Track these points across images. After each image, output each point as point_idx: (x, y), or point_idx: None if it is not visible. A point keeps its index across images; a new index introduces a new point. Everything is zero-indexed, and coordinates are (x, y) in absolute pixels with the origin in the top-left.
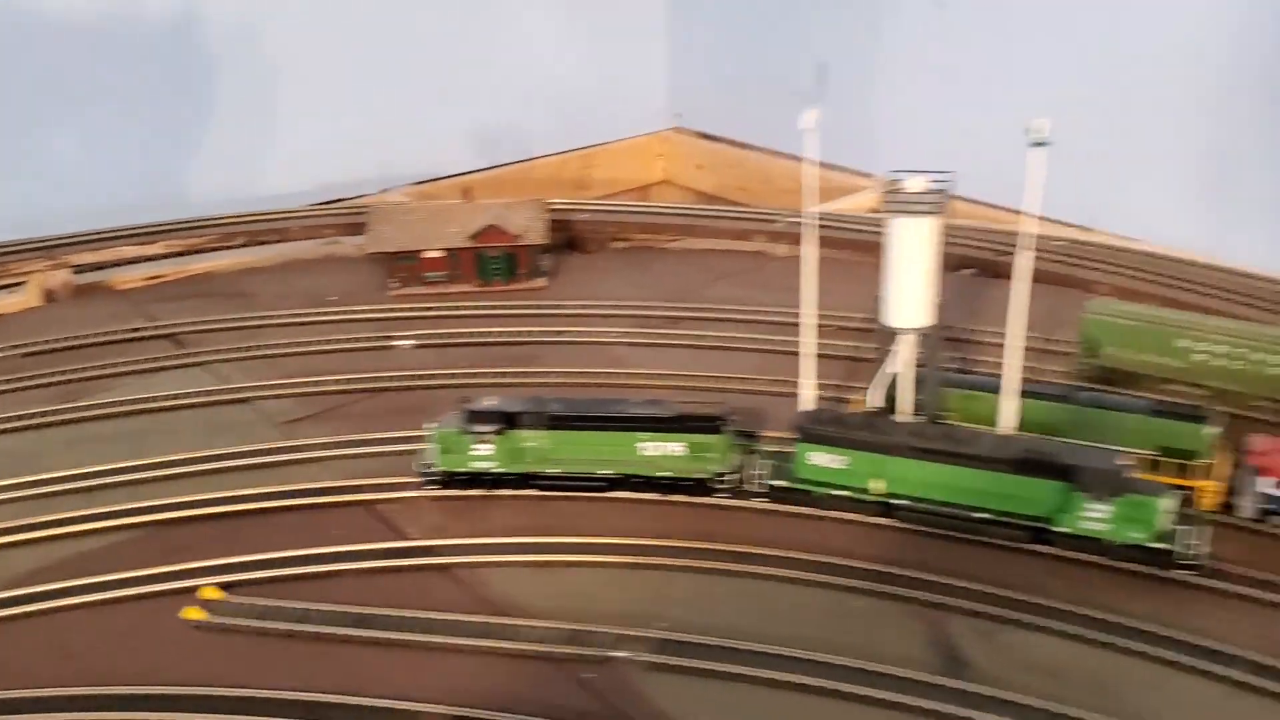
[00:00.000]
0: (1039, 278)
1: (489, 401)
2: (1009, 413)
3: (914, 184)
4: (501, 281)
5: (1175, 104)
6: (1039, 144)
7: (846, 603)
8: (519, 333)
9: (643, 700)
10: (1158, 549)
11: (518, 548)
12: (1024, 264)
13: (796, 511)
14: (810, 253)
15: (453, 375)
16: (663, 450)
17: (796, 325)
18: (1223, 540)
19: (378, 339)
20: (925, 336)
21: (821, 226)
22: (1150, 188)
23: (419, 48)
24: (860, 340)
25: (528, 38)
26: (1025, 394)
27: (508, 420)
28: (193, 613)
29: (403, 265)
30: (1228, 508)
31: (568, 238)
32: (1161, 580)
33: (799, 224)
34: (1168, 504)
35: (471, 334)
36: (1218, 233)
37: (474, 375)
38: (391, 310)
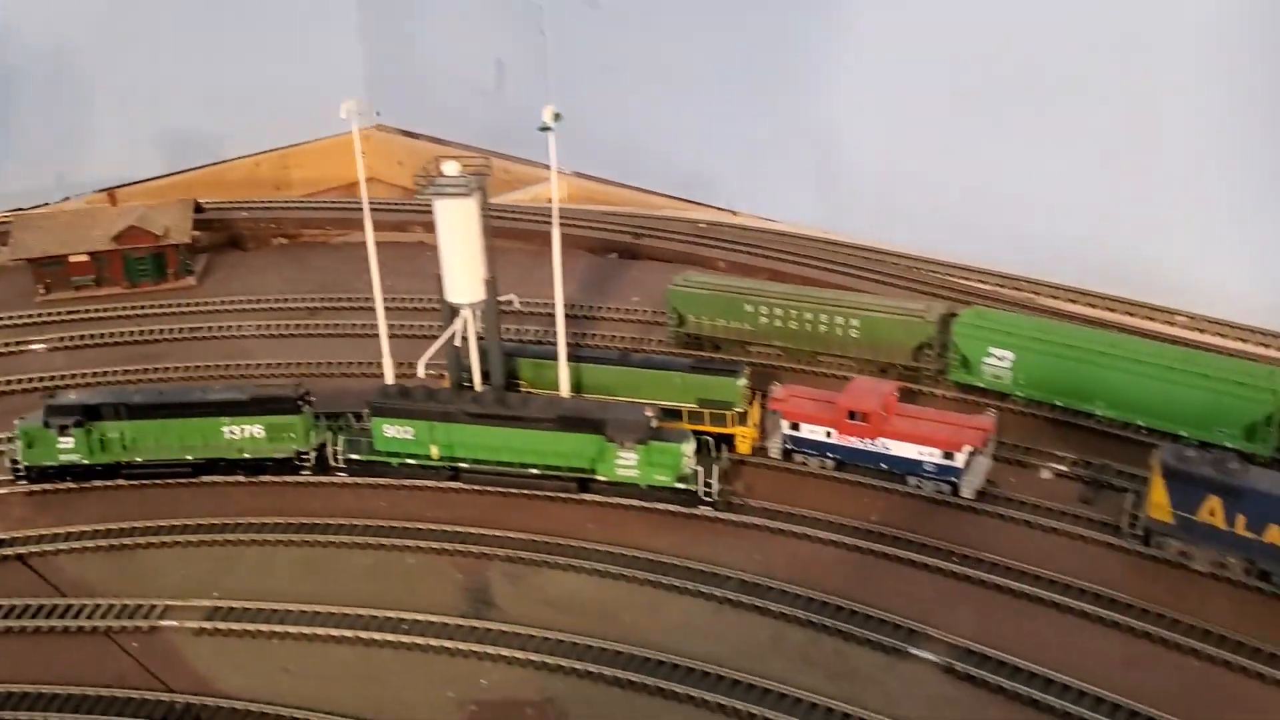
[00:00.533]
0: (669, 257)
1: (71, 396)
2: (564, 377)
3: (450, 168)
4: (150, 282)
5: (788, 96)
6: (545, 129)
7: (400, 560)
8: (154, 331)
9: (180, 663)
10: (683, 490)
11: (93, 534)
12: (556, 239)
13: (375, 483)
14: (371, 239)
15: (79, 375)
16: (245, 433)
17: (425, 310)
18: (755, 478)
19: (13, 344)
20: (483, 310)
21: (501, 217)
22: (780, 173)
23: (100, 54)
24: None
25: (217, 41)
26: (583, 359)
27: (89, 413)
28: None
29: (49, 271)
30: (762, 449)
31: (229, 236)
32: (688, 517)
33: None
34: (688, 449)
35: (107, 335)
36: (833, 212)
37: (99, 375)
38: (33, 316)
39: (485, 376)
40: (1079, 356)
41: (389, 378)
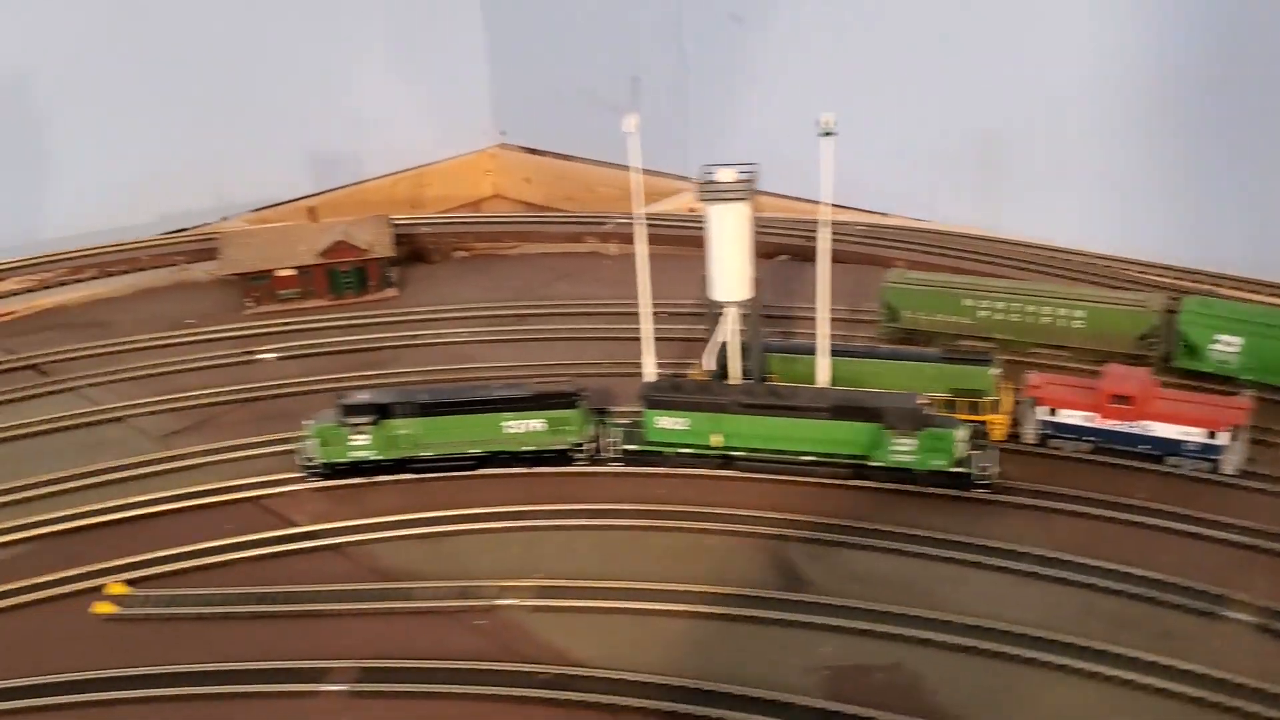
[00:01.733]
0: (842, 258)
1: (362, 396)
2: (823, 370)
3: (725, 175)
4: (353, 294)
5: (944, 96)
6: (827, 134)
7: (698, 541)
8: (375, 339)
9: (528, 636)
10: (956, 473)
11: (400, 524)
12: (824, 241)
13: (649, 472)
14: (642, 249)
15: (316, 381)
16: (525, 427)
17: (633, 314)
18: (1011, 463)
19: (240, 354)
20: (747, 308)
21: (648, 225)
22: (935, 175)
23: (250, 77)
24: (690, 323)
25: (355, 64)
26: (836, 353)
27: (381, 411)
28: (103, 607)
29: (256, 285)
30: (1014, 436)
31: (411, 250)
32: (961, 499)
33: (627, 224)
34: (962, 434)
35: (330, 343)
36: (993, 209)
37: (337, 380)
38: (249, 328)
39: (744, 372)
40: None
41: (649, 375)
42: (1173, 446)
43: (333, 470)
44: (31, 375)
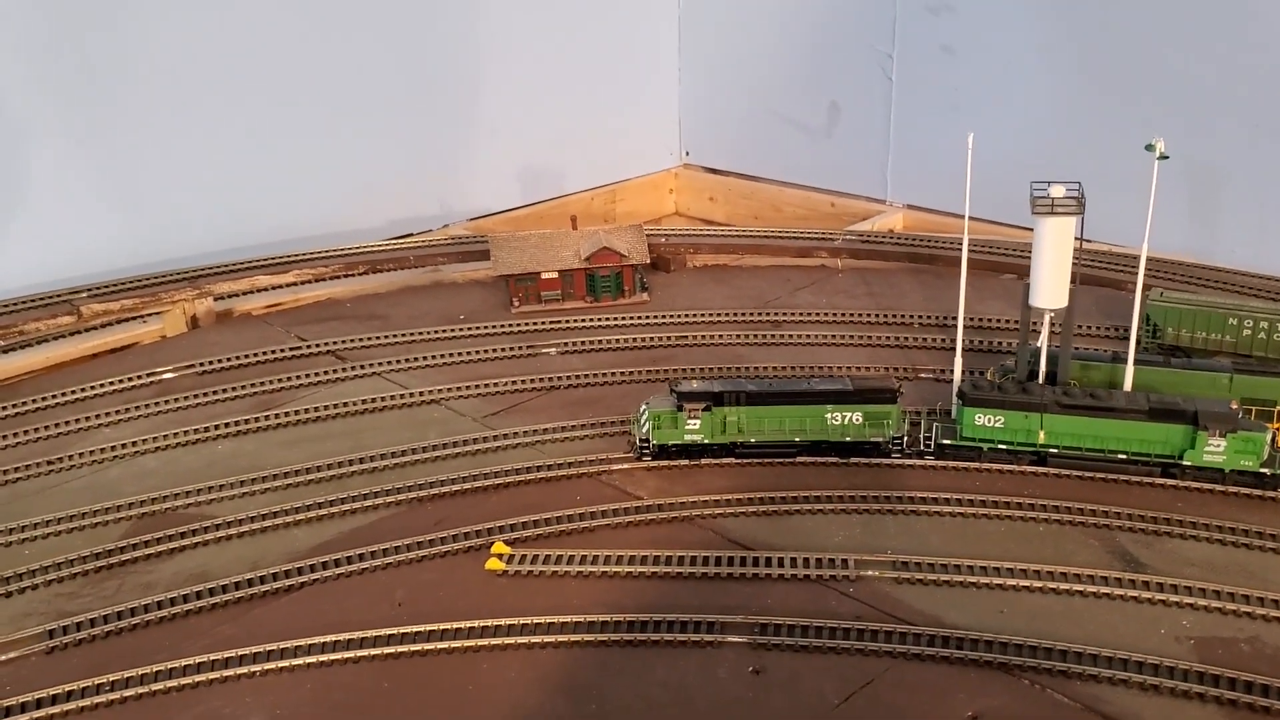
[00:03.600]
0: (1087, 280)
1: (695, 384)
2: (1129, 377)
3: (1056, 190)
4: (610, 297)
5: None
6: (1162, 158)
7: (1031, 528)
8: (647, 338)
9: (900, 604)
10: (1262, 474)
11: (740, 501)
12: (1142, 267)
13: (962, 466)
14: (964, 267)
15: (605, 374)
16: (846, 419)
17: (880, 322)
18: None
19: (524, 348)
20: (1061, 316)
21: (868, 242)
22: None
23: (470, 97)
24: (936, 333)
25: (561, 85)
26: (1138, 363)
27: (714, 399)
28: (493, 564)
29: (522, 286)
30: None
31: (652, 259)
32: (1263, 498)
33: (854, 240)
34: (1269, 438)
35: (606, 340)
36: (1206, 237)
37: (626, 374)
38: (522, 324)
39: (1049, 375)
40: None
41: (958, 377)
42: None
43: (665, 451)
44: (330, 360)
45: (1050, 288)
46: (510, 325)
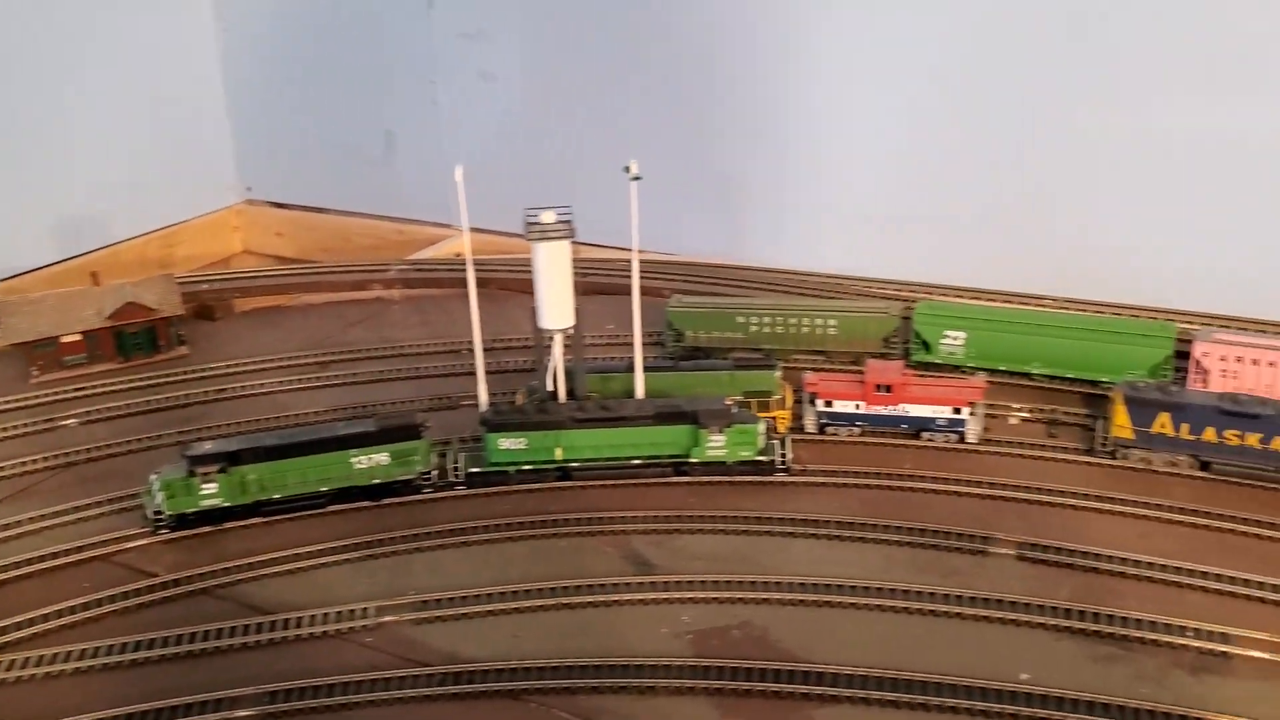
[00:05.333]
0: (612, 289)
1: (208, 445)
2: (640, 384)
3: (547, 216)
4: (144, 355)
5: (691, 144)
6: (636, 179)
7: (553, 545)
8: (182, 396)
9: (418, 645)
10: (760, 461)
11: (264, 563)
12: (635, 275)
13: (493, 491)
14: (472, 292)
15: (132, 441)
16: (373, 461)
17: (433, 352)
18: (800, 449)
19: (41, 422)
20: (570, 335)
21: (427, 271)
22: (685, 211)
23: None
24: (492, 356)
25: (95, 129)
26: (647, 370)
27: (229, 458)
28: None
29: (42, 353)
30: (798, 428)
31: (194, 308)
32: (766, 483)
33: (409, 271)
34: (762, 428)
35: (136, 404)
36: (735, 241)
37: (154, 438)
38: (41, 395)
39: (569, 392)
40: (1016, 330)
41: (483, 404)
42: (926, 423)
43: (184, 521)
44: None
45: (555, 308)
46: (26, 398)
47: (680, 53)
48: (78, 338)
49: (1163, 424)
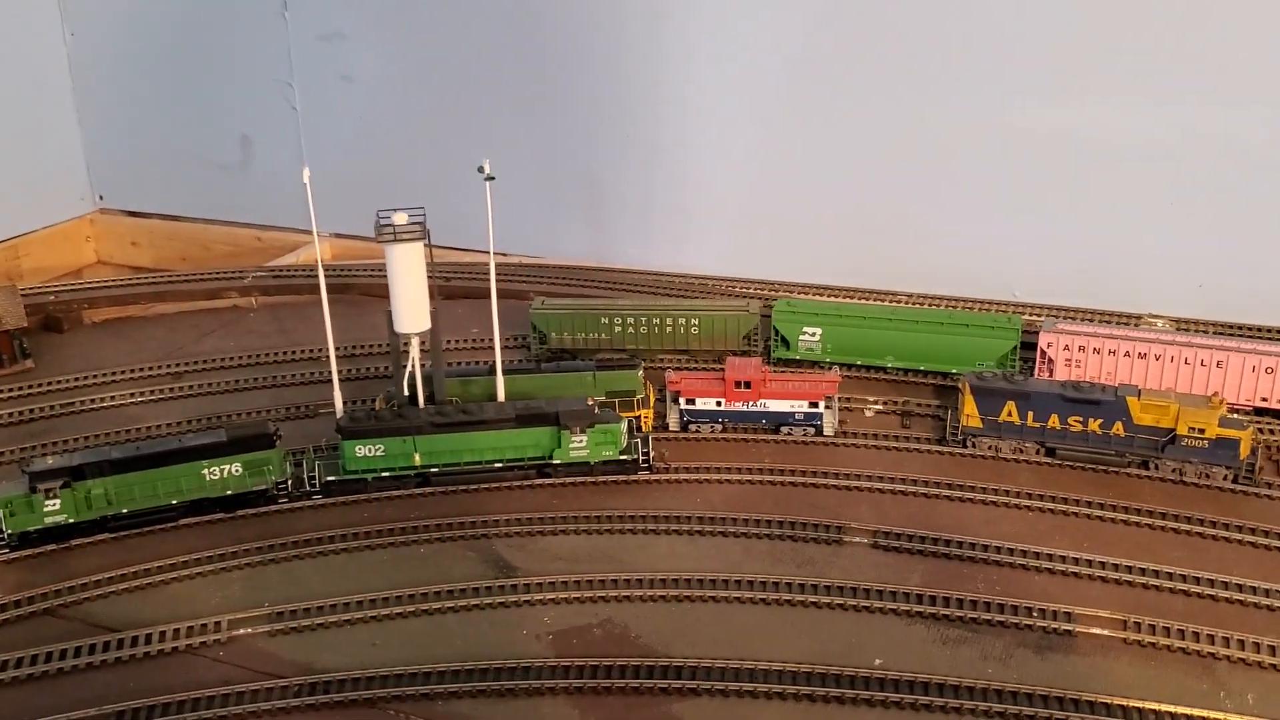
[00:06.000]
0: (473, 294)
1: (50, 460)
2: (500, 387)
3: (400, 218)
4: None
5: (557, 148)
6: (489, 179)
7: (413, 551)
8: (25, 411)
9: (272, 658)
10: (623, 460)
11: (111, 580)
12: (493, 278)
13: (351, 500)
14: (324, 296)
15: None
16: (225, 471)
17: (293, 360)
18: (662, 447)
19: None
20: (427, 338)
21: (289, 277)
22: (548, 212)
23: None
24: (350, 364)
25: None
26: (508, 372)
27: (73, 473)
28: None
29: None
30: (660, 426)
31: (42, 320)
32: (629, 482)
33: (265, 277)
34: (624, 428)
35: None
36: (603, 243)
37: None
38: None
39: (428, 396)
40: (870, 325)
41: (339, 411)
42: (785, 418)
43: (27, 539)
44: None
45: (410, 312)
46: None
47: (545, 54)
48: None
49: (1009, 412)
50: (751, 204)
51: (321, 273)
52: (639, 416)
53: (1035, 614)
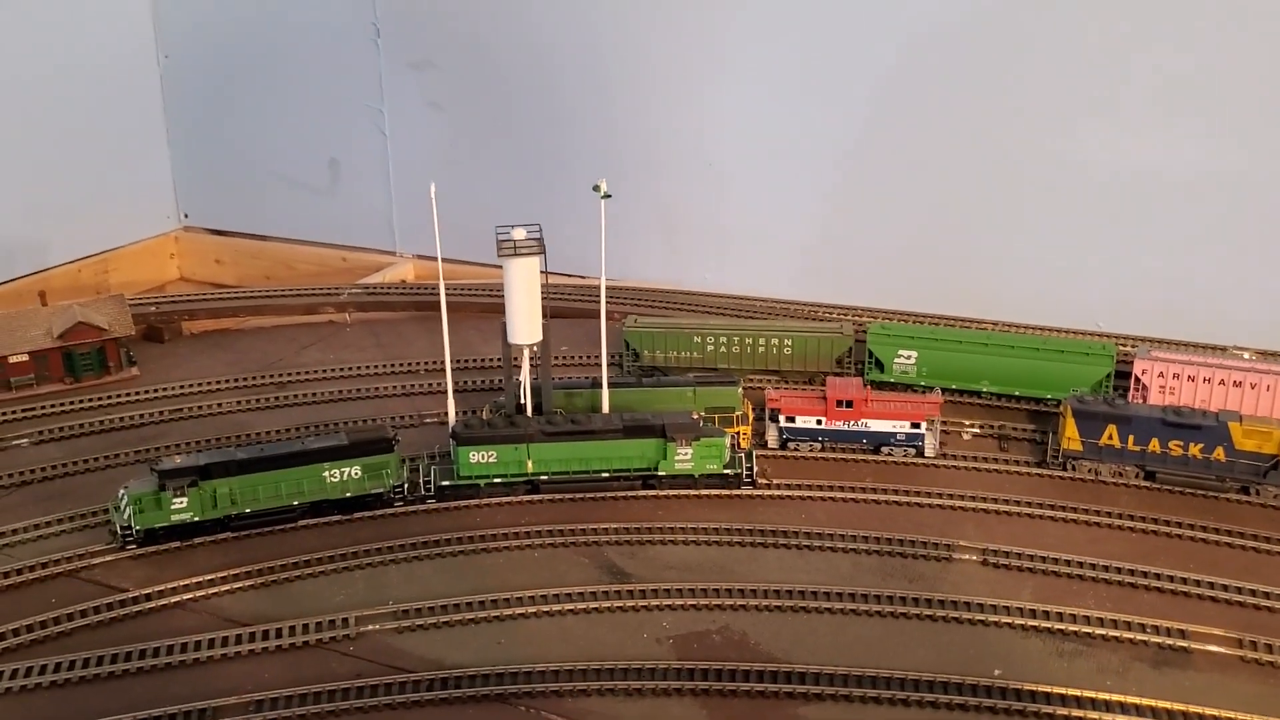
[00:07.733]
0: (567, 313)
1: (178, 459)
2: (605, 399)
3: (518, 234)
4: (94, 376)
5: (638, 174)
6: (606, 197)
7: (528, 556)
8: (137, 416)
9: (402, 653)
10: (726, 474)
11: (237, 576)
12: (603, 297)
13: (463, 505)
14: (444, 311)
15: (88, 461)
16: (345, 474)
17: (390, 372)
18: (764, 464)
19: None
20: (538, 351)
21: (380, 296)
22: (630, 237)
23: None
24: (434, 378)
25: (29, 154)
26: (611, 385)
27: (200, 473)
28: None
29: None
30: (761, 443)
31: (143, 330)
32: (732, 496)
33: (360, 295)
34: (728, 442)
35: (89, 424)
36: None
37: (111, 457)
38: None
39: (536, 406)
40: (965, 349)
41: (452, 419)
42: (886, 438)
43: (153, 536)
44: None
45: (524, 325)
46: None
47: (626, 87)
48: (25, 358)
49: (1110, 435)
50: (828, 231)
51: (443, 288)
52: (738, 433)
53: (1149, 630)
